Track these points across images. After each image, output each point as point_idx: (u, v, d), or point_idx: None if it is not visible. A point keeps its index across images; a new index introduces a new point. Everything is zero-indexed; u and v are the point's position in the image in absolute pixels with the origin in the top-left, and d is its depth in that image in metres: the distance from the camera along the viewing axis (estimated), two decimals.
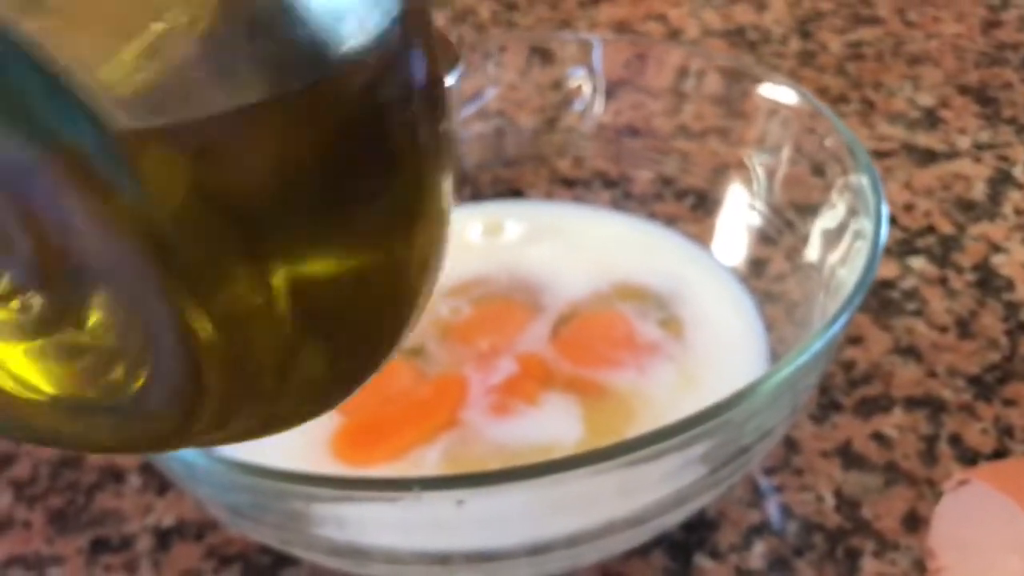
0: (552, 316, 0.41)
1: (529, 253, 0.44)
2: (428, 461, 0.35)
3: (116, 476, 0.41)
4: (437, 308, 0.41)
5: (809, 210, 0.39)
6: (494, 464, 0.34)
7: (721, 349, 0.38)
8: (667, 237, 0.45)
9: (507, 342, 0.39)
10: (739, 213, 0.43)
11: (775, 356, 0.38)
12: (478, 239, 0.45)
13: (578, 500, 0.29)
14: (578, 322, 0.40)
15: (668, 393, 0.36)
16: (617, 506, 0.29)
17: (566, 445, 0.35)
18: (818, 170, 0.38)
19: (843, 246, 0.34)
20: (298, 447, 0.36)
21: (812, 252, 0.37)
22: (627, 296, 0.41)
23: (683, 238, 0.45)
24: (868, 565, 0.35)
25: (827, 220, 0.36)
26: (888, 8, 0.65)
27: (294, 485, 0.27)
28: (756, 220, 0.42)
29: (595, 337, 0.39)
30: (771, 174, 0.41)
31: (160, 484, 0.40)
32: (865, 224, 0.32)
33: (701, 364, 0.38)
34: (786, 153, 0.41)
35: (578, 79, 0.52)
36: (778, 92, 0.41)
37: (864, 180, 0.34)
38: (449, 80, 0.40)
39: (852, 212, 0.34)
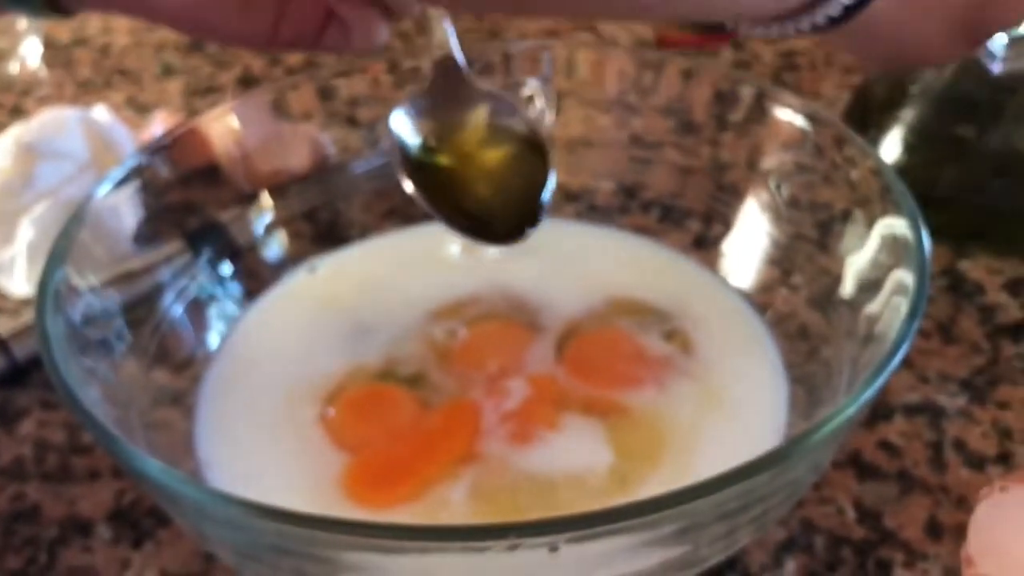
0: (552, 335, 0.39)
1: (514, 270, 0.42)
2: (454, 498, 0.32)
3: (81, 529, 0.37)
4: (431, 331, 0.39)
5: (827, 234, 0.38)
6: (528, 497, 0.32)
7: (735, 364, 0.37)
8: (648, 249, 0.44)
9: (514, 364, 0.37)
10: (730, 229, 0.42)
11: (789, 368, 0.37)
12: (458, 257, 0.43)
13: (643, 542, 0.27)
14: (582, 340, 0.38)
15: (692, 412, 0.35)
16: (689, 541, 0.28)
17: (599, 471, 0.33)
18: (835, 193, 0.38)
19: (881, 296, 0.33)
20: (305, 489, 0.33)
21: (846, 288, 0.36)
22: (625, 311, 0.40)
23: (663, 249, 0.44)
24: None
25: (858, 257, 0.35)
26: None
27: (357, 536, 0.25)
28: (749, 235, 0.41)
29: (604, 355, 0.38)
30: (780, 188, 0.41)
31: (135, 536, 0.36)
32: (905, 277, 0.31)
33: (719, 380, 0.37)
34: (794, 169, 0.40)
35: (530, 89, 0.50)
36: (796, 113, 0.40)
37: (905, 225, 0.33)
38: None
39: (888, 258, 0.33)
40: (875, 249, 0.34)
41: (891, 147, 0.48)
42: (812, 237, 0.39)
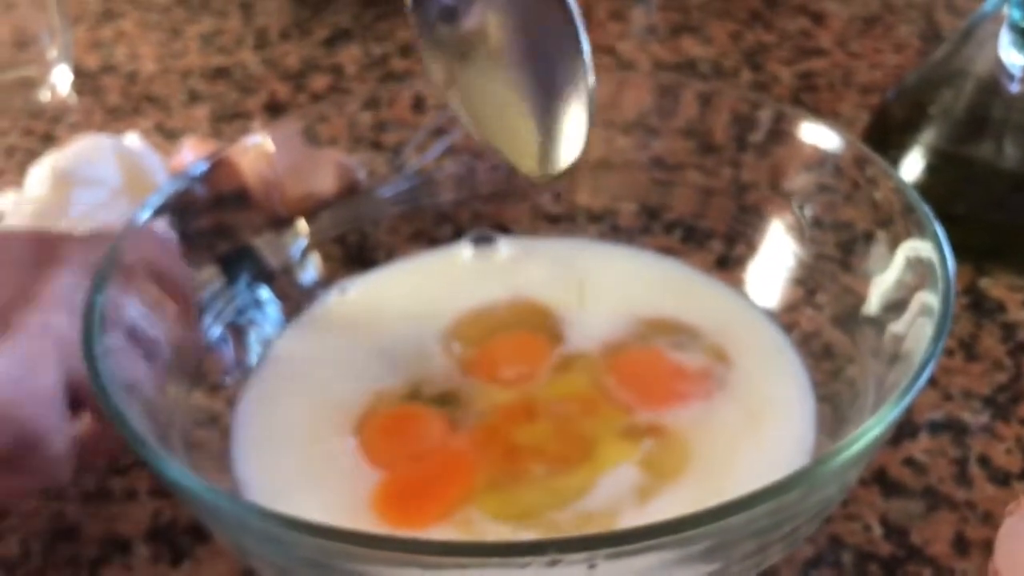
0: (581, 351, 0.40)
1: (541, 290, 0.43)
2: (485, 518, 0.33)
3: (121, 548, 0.38)
4: (458, 350, 0.40)
5: (851, 254, 0.39)
6: (560, 515, 0.33)
7: (763, 382, 0.38)
8: (672, 268, 0.44)
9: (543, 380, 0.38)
10: (753, 249, 0.43)
11: (816, 387, 0.38)
12: (484, 276, 0.44)
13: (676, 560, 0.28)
14: (617, 358, 0.39)
15: (720, 431, 0.36)
16: (721, 558, 0.28)
17: (630, 489, 0.34)
18: (858, 213, 0.39)
19: (906, 317, 0.34)
20: (340, 510, 0.34)
21: (871, 308, 0.37)
22: (653, 330, 0.40)
23: (687, 269, 0.44)
24: None
25: (883, 278, 0.36)
26: (830, 40, 0.67)
27: (397, 552, 0.25)
28: (773, 255, 0.42)
29: (639, 373, 0.38)
30: (803, 208, 0.41)
31: (173, 554, 0.37)
32: (930, 298, 0.32)
33: (747, 398, 0.37)
34: (816, 190, 0.41)
35: None
36: (817, 134, 0.41)
37: (929, 247, 0.33)
38: None
39: (913, 279, 0.34)
40: (900, 270, 0.35)
41: (911, 167, 0.49)
42: (836, 257, 0.40)
